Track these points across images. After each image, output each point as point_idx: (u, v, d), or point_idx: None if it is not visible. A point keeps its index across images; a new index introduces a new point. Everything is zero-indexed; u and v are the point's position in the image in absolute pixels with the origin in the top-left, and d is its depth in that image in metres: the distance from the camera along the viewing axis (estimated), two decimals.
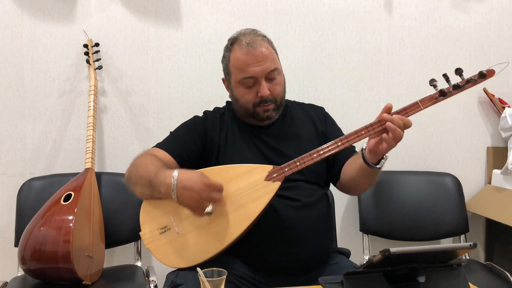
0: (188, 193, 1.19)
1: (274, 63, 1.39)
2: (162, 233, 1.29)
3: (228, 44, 1.45)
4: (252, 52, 1.36)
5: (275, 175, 1.27)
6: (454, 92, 1.23)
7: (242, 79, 1.38)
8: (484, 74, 1.20)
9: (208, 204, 1.19)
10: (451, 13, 2.18)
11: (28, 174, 1.96)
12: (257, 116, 1.42)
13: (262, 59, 1.36)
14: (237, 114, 1.50)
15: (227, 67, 1.44)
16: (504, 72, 2.23)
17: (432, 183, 2.10)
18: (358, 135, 1.25)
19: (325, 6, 2.11)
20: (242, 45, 1.38)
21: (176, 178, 1.20)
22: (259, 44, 1.38)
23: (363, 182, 1.37)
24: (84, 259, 1.57)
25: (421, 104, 1.24)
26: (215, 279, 0.97)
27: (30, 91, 1.96)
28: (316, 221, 1.38)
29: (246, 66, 1.36)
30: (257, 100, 1.39)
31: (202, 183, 1.18)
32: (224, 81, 1.51)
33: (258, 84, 1.38)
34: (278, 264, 1.32)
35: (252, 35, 1.41)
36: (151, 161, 1.32)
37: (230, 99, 1.51)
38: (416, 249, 0.95)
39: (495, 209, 2.04)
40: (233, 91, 1.44)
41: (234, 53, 1.40)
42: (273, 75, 1.39)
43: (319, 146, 1.46)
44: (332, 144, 1.27)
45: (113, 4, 1.99)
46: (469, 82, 1.22)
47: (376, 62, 2.16)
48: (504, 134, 2.17)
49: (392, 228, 2.02)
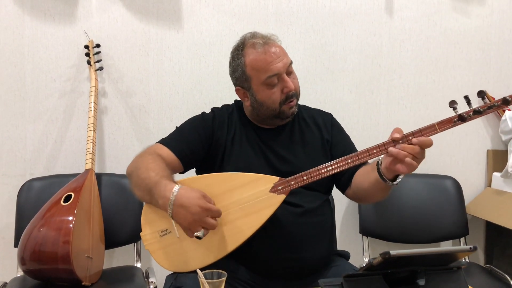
0: (183, 212, 1.16)
1: (288, 57, 1.40)
2: (163, 236, 1.29)
3: (237, 52, 1.40)
4: (270, 50, 1.35)
5: (280, 188, 1.26)
6: (474, 117, 1.18)
7: (266, 78, 1.35)
8: (508, 100, 1.14)
9: (201, 228, 1.16)
10: (452, 16, 2.18)
11: (28, 174, 1.96)
12: (282, 115, 1.40)
13: (281, 55, 1.37)
14: (254, 119, 1.46)
15: (244, 74, 1.39)
16: (505, 75, 2.24)
17: (432, 185, 2.10)
18: (370, 153, 1.22)
19: (326, 8, 2.11)
20: (257, 46, 1.36)
21: (175, 194, 1.17)
22: (272, 41, 1.39)
23: (377, 195, 1.34)
24: (83, 260, 1.57)
25: (438, 127, 1.19)
26: (215, 281, 0.97)
27: (31, 92, 1.96)
28: (318, 227, 1.37)
29: (268, 64, 1.34)
30: (283, 98, 1.38)
31: (199, 206, 1.16)
32: (239, 91, 1.44)
33: (282, 81, 1.36)
34: (279, 269, 1.32)
35: (260, 35, 1.41)
36: (153, 164, 1.29)
37: (249, 107, 1.45)
38: (416, 251, 0.95)
39: (495, 212, 2.04)
40: (257, 95, 1.39)
41: (249, 56, 1.37)
42: (290, 69, 1.40)
43: (324, 155, 1.44)
44: (342, 160, 1.24)
45: (114, 5, 1.99)
46: (490, 108, 1.16)
47: (376, 65, 2.16)
48: (504, 137, 2.17)
49: (392, 230, 2.02)
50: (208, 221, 1.16)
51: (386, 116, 2.18)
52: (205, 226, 1.17)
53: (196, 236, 1.15)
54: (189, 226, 1.17)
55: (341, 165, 1.25)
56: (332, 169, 1.25)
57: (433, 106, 2.19)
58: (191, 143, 1.40)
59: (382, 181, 1.23)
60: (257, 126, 1.46)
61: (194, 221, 1.16)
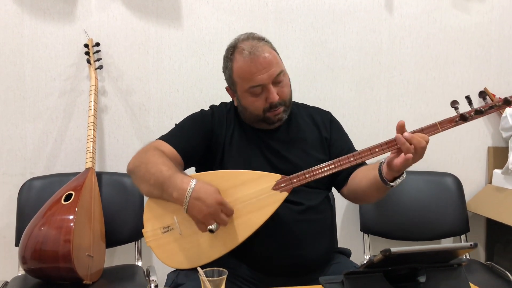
0: (199, 204, 1.18)
1: (278, 67, 1.36)
2: (165, 233, 1.29)
3: (228, 53, 1.40)
4: (255, 60, 1.32)
5: (283, 185, 1.26)
6: (476, 117, 1.19)
7: (249, 88, 1.35)
8: (510, 101, 1.16)
9: (213, 222, 1.19)
10: (452, 13, 2.18)
11: (28, 173, 1.96)
12: (268, 121, 1.40)
13: (267, 65, 1.33)
14: (245, 121, 1.46)
15: (231, 78, 1.39)
16: (505, 72, 2.23)
17: (432, 183, 2.10)
18: (372, 152, 1.22)
19: (325, 6, 2.11)
20: (244, 54, 1.33)
21: (192, 187, 1.19)
22: (261, 49, 1.34)
23: (372, 195, 1.34)
24: (84, 259, 1.57)
25: (440, 126, 1.20)
26: (216, 279, 0.97)
27: (31, 91, 1.96)
28: (319, 225, 1.38)
29: (252, 75, 1.32)
30: (266, 106, 1.36)
31: (215, 200, 1.18)
32: (229, 90, 1.46)
33: (267, 90, 1.34)
34: (280, 266, 1.32)
35: (251, 40, 1.37)
36: (162, 160, 1.29)
37: (238, 107, 1.46)
38: (416, 249, 0.95)
39: (496, 209, 2.04)
40: (241, 100, 1.40)
41: (236, 63, 1.36)
42: (279, 79, 1.36)
43: (323, 153, 1.44)
44: (344, 159, 1.25)
45: (113, 3, 1.98)
46: (492, 108, 1.17)
47: (376, 62, 2.16)
48: (505, 134, 2.16)
49: (393, 228, 2.02)
50: (221, 216, 1.19)
51: (386, 113, 2.18)
52: (218, 221, 1.19)
53: (210, 229, 1.18)
54: (203, 219, 1.19)
55: (343, 163, 1.25)
56: (334, 167, 1.25)
57: (433, 103, 2.19)
58: (192, 140, 1.40)
59: (380, 180, 1.23)
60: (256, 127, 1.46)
61: (209, 214, 1.18)
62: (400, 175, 1.21)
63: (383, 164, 1.22)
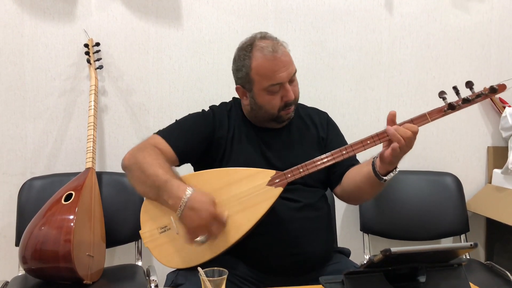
0: (192, 215, 1.18)
1: (294, 66, 1.39)
2: (162, 233, 1.29)
3: (245, 52, 1.39)
4: (278, 58, 1.34)
5: (277, 181, 1.27)
6: (463, 106, 1.21)
7: (269, 86, 1.35)
8: (495, 89, 1.18)
9: (204, 234, 1.19)
10: (452, 12, 2.18)
11: (28, 173, 1.96)
12: (279, 119, 1.42)
13: (287, 64, 1.35)
14: (251, 118, 1.47)
15: (247, 76, 1.38)
16: (505, 71, 2.23)
17: (432, 182, 2.10)
18: (363, 144, 1.24)
19: (325, 5, 2.11)
20: (265, 51, 1.34)
21: (188, 196, 1.19)
22: (281, 49, 1.36)
23: (366, 191, 1.35)
24: (85, 259, 1.57)
25: (429, 117, 1.22)
26: (216, 279, 0.98)
27: (31, 91, 1.96)
28: (316, 222, 1.38)
29: (274, 73, 1.34)
30: (282, 105, 1.38)
31: (209, 213, 1.17)
32: (239, 89, 1.44)
33: (284, 89, 1.36)
34: (279, 265, 1.32)
35: (270, 40, 1.39)
36: (158, 161, 1.29)
37: (247, 106, 1.45)
38: (416, 248, 0.96)
39: (496, 209, 2.04)
40: (256, 98, 1.39)
41: (256, 60, 1.35)
42: (293, 77, 1.39)
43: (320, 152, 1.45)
44: (337, 152, 1.26)
45: (113, 3, 1.98)
46: (479, 96, 1.19)
47: (376, 61, 2.16)
48: (505, 133, 2.17)
49: (393, 227, 2.02)
50: (212, 230, 1.19)
51: (386, 113, 2.12)
52: (209, 232, 1.19)
53: (197, 241, 1.19)
54: (194, 229, 1.19)
55: (336, 157, 1.26)
56: (327, 161, 1.26)
57: (433, 102, 2.16)
58: (190, 140, 1.41)
59: (374, 175, 1.24)
60: (259, 126, 1.47)
61: (200, 226, 1.18)
62: (393, 169, 1.22)
63: (376, 158, 1.24)
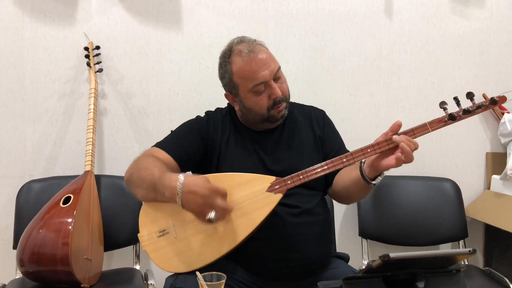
0: (192, 197, 1.18)
1: (276, 63, 1.40)
2: (160, 236, 1.29)
3: (225, 58, 1.42)
4: (255, 58, 1.35)
5: (277, 187, 1.27)
6: (464, 117, 1.21)
7: (253, 86, 1.36)
8: (495, 100, 1.18)
9: (211, 210, 1.18)
10: (451, 19, 2.19)
11: (27, 176, 1.96)
12: (272, 119, 1.42)
13: (267, 62, 1.36)
14: (245, 123, 1.48)
15: (231, 81, 1.41)
16: (504, 78, 2.24)
17: (431, 188, 2.10)
18: (364, 152, 1.24)
19: (325, 11, 2.12)
20: (242, 54, 1.37)
21: (182, 182, 1.19)
22: (258, 48, 1.38)
23: (356, 194, 1.37)
24: (82, 262, 1.57)
25: (430, 126, 1.22)
26: (214, 283, 0.98)
27: (31, 93, 1.96)
28: (315, 227, 1.38)
29: (254, 73, 1.35)
30: (270, 103, 1.39)
31: (207, 188, 1.18)
32: (228, 96, 1.47)
33: (269, 87, 1.37)
34: (278, 270, 1.32)
35: (246, 42, 1.41)
36: (154, 163, 1.31)
37: (239, 112, 1.47)
38: (415, 254, 0.95)
39: (494, 215, 2.04)
40: (244, 101, 1.41)
41: (236, 64, 1.38)
42: (278, 74, 1.40)
43: (317, 151, 1.46)
44: (337, 160, 1.26)
45: (114, 7, 1.99)
46: (479, 108, 1.20)
47: (376, 67, 2.17)
48: (503, 139, 2.17)
49: (391, 233, 2.02)
50: (218, 202, 1.18)
51: (385, 118, 2.18)
52: (216, 207, 1.18)
53: (208, 219, 1.17)
54: (200, 209, 1.19)
55: (336, 164, 1.26)
56: (327, 168, 1.26)
57: (432, 108, 2.19)
58: (187, 146, 1.42)
59: (362, 179, 1.25)
60: (253, 129, 1.48)
61: (205, 204, 1.18)
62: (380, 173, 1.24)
63: (363, 164, 1.25)
